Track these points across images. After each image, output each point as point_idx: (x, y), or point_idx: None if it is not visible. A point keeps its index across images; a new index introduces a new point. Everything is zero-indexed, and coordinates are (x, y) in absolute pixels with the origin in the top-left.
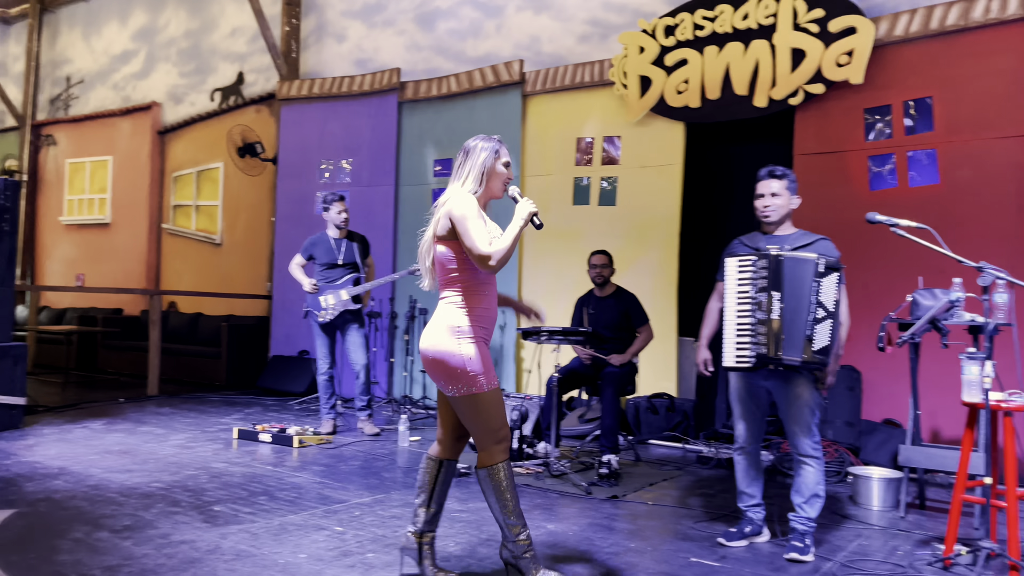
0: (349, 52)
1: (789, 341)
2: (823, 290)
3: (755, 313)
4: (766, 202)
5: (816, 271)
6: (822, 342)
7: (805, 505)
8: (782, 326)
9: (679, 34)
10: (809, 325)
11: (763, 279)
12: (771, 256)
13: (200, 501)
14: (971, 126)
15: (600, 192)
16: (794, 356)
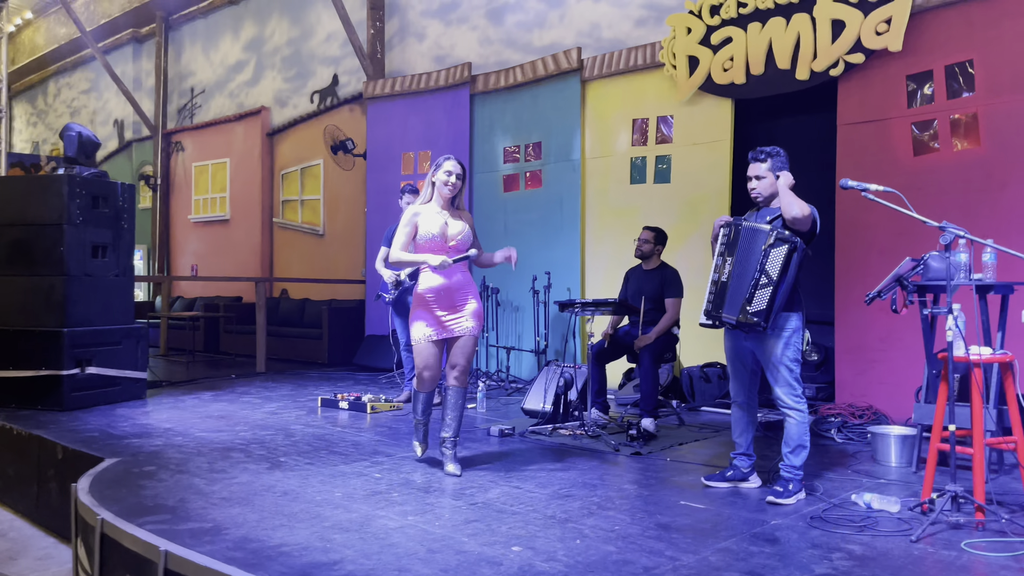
0: (428, 50)
1: (731, 302)
2: (770, 260)
3: (714, 275)
4: (752, 184)
5: (767, 242)
6: (759, 306)
7: (790, 455)
8: (727, 287)
9: (723, 13)
10: (749, 289)
11: (724, 245)
12: (732, 224)
13: (271, 453)
14: (1012, 87)
15: (655, 171)
16: (731, 315)
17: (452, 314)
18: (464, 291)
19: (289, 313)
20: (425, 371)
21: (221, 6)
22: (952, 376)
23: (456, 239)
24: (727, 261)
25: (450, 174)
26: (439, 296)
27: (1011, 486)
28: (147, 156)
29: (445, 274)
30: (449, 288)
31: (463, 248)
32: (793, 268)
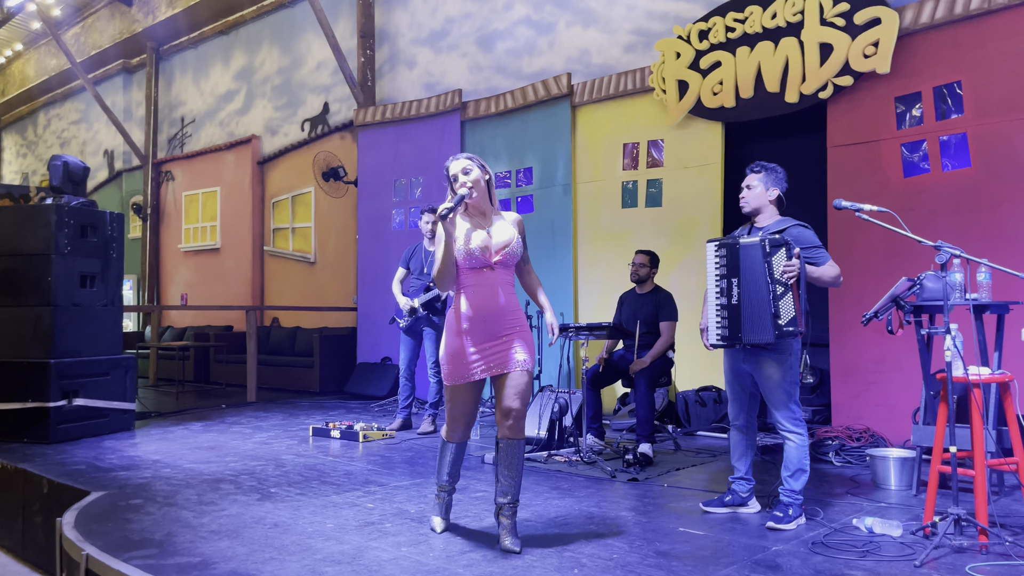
0: (419, 77)
1: (756, 323)
2: (775, 266)
3: (721, 299)
4: (742, 194)
5: (764, 252)
6: (788, 315)
7: (790, 479)
8: (741, 310)
9: (712, 37)
10: (771, 304)
11: (724, 267)
12: (727, 245)
13: (261, 484)
14: (1001, 108)
15: (647, 194)
16: (765, 335)
17: (493, 345)
18: (509, 317)
19: (280, 342)
20: (456, 419)
21: (211, 36)
22: (951, 397)
23: (504, 251)
24: (733, 283)
25: (467, 173)
26: (474, 325)
27: (1013, 508)
28: (137, 186)
29: (482, 297)
30: (487, 315)
31: (511, 263)
32: (802, 267)
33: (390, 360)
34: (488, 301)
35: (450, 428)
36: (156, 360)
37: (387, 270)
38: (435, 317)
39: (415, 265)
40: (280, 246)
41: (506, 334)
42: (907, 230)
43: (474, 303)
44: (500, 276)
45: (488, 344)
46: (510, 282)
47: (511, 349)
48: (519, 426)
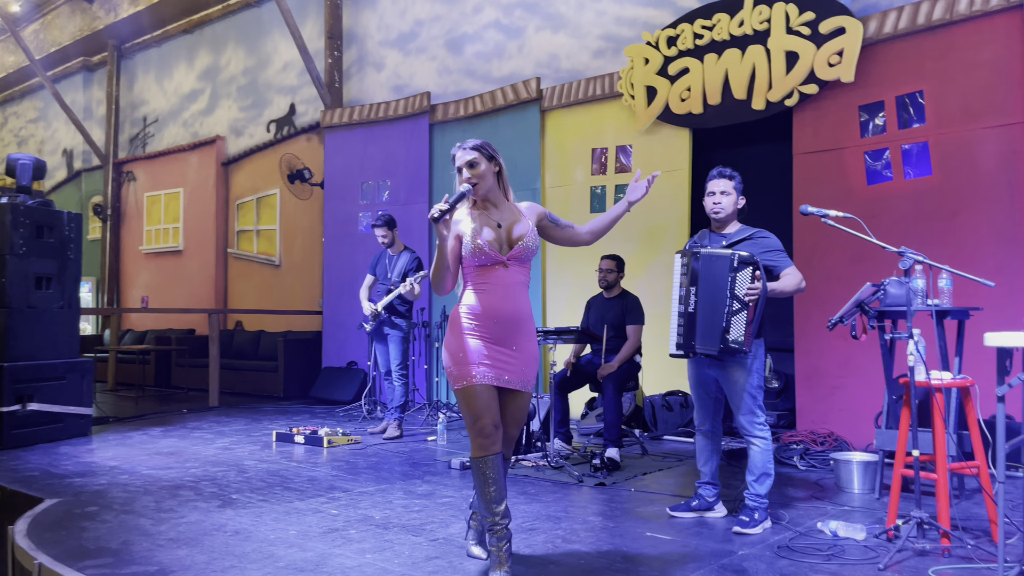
0: (387, 79)
1: (706, 332)
2: (738, 284)
3: (680, 306)
4: (716, 199)
5: (731, 266)
6: (738, 332)
7: (755, 483)
8: (699, 319)
9: (680, 44)
10: (725, 317)
11: (685, 276)
12: (690, 253)
13: (222, 491)
14: (961, 117)
15: (615, 200)
16: (711, 347)
17: (505, 353)
18: (525, 324)
19: (244, 345)
20: (483, 425)
21: (175, 35)
22: (914, 401)
23: (517, 245)
24: (691, 291)
25: (473, 166)
26: (484, 325)
27: (974, 511)
28: (97, 186)
29: (494, 297)
30: (499, 317)
31: (526, 258)
32: (764, 287)
33: (356, 364)
34: (501, 302)
35: (481, 436)
36: (115, 364)
37: (354, 273)
38: (396, 318)
39: (380, 271)
40: (244, 248)
41: (520, 345)
42: (871, 236)
43: (485, 303)
44: (515, 275)
45: (500, 350)
46: (525, 283)
47: (522, 364)
48: (509, 449)
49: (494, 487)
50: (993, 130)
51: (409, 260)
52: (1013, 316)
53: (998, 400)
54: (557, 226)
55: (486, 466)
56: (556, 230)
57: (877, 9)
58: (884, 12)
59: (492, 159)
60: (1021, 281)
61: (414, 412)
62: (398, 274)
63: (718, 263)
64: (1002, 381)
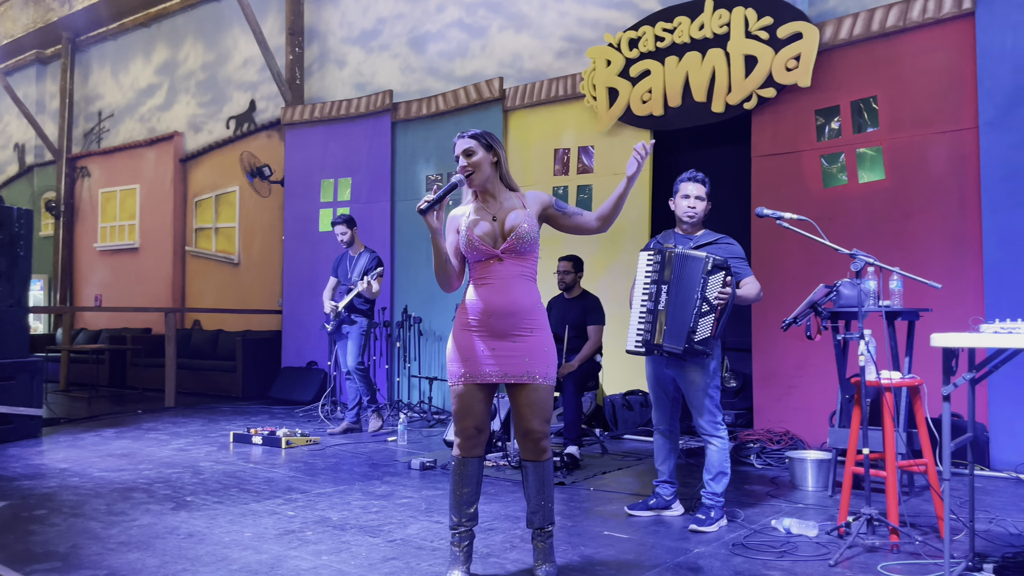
0: (349, 77)
1: (673, 331)
2: (709, 287)
3: (647, 303)
4: (692, 203)
5: (704, 269)
6: (704, 334)
7: (712, 482)
8: (667, 317)
9: (642, 46)
10: (693, 318)
11: (657, 273)
12: (666, 252)
13: (176, 493)
14: (913, 123)
15: (577, 200)
16: (676, 345)
17: (504, 347)
18: (524, 316)
19: (201, 345)
20: (463, 426)
21: (132, 28)
22: (865, 400)
23: (510, 237)
24: (661, 289)
25: (470, 155)
26: (481, 321)
27: (923, 508)
28: (50, 182)
29: (490, 291)
30: (494, 311)
31: (523, 250)
32: (732, 293)
33: (316, 364)
34: (496, 296)
35: (457, 437)
36: (68, 364)
37: (314, 272)
38: (355, 316)
39: (342, 273)
40: (203, 246)
41: (520, 336)
42: (824, 238)
43: (481, 297)
44: (511, 267)
45: (498, 344)
46: (526, 274)
47: (525, 356)
48: (541, 447)
49: (467, 489)
50: (944, 135)
51: (369, 260)
52: (961, 317)
53: (944, 399)
54: (564, 214)
55: (461, 467)
56: (563, 218)
57: (833, 15)
58: (840, 18)
59: (490, 148)
60: (969, 283)
61: None
62: (358, 274)
63: (692, 264)
64: (948, 381)
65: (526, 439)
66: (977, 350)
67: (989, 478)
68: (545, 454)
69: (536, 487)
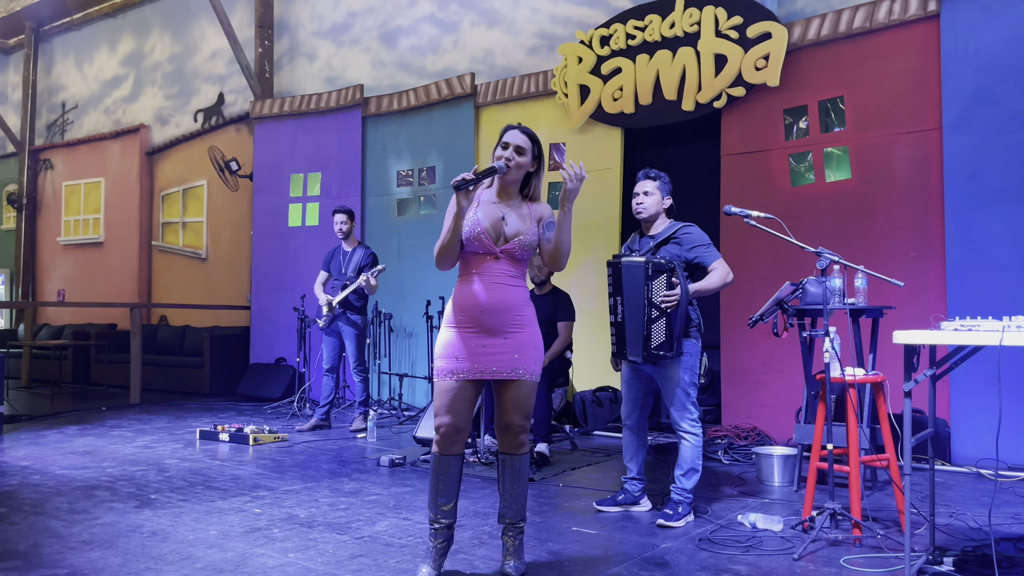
0: (320, 71)
1: (631, 341)
2: (653, 291)
3: (611, 317)
4: (639, 199)
5: (646, 274)
6: (659, 339)
7: (683, 477)
8: (624, 327)
9: (613, 44)
10: (644, 326)
11: (612, 286)
12: (614, 264)
13: (140, 491)
14: (878, 122)
15: (548, 197)
16: (636, 355)
17: (493, 344)
18: (514, 313)
19: (168, 341)
20: (441, 424)
21: (97, 18)
22: (829, 396)
23: (513, 240)
24: (618, 301)
25: (521, 152)
26: (471, 317)
27: (885, 502)
28: (12, 174)
29: (482, 287)
30: (485, 307)
31: (520, 256)
32: (683, 291)
33: (284, 361)
34: (488, 292)
35: (437, 433)
36: (30, 360)
37: (283, 268)
38: (352, 315)
39: (335, 267)
40: (169, 241)
41: (509, 333)
42: (791, 236)
43: (473, 293)
44: (505, 268)
45: (486, 341)
46: (517, 276)
47: (513, 352)
48: (519, 441)
49: (443, 486)
50: (908, 136)
51: (364, 255)
52: (924, 315)
53: (905, 395)
54: (543, 238)
55: (439, 464)
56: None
57: (802, 16)
58: (808, 19)
59: (537, 158)
60: (932, 281)
61: (344, 408)
62: (353, 269)
63: (636, 272)
64: (909, 377)
65: (506, 433)
66: (938, 347)
67: (950, 473)
68: (522, 448)
69: (511, 480)
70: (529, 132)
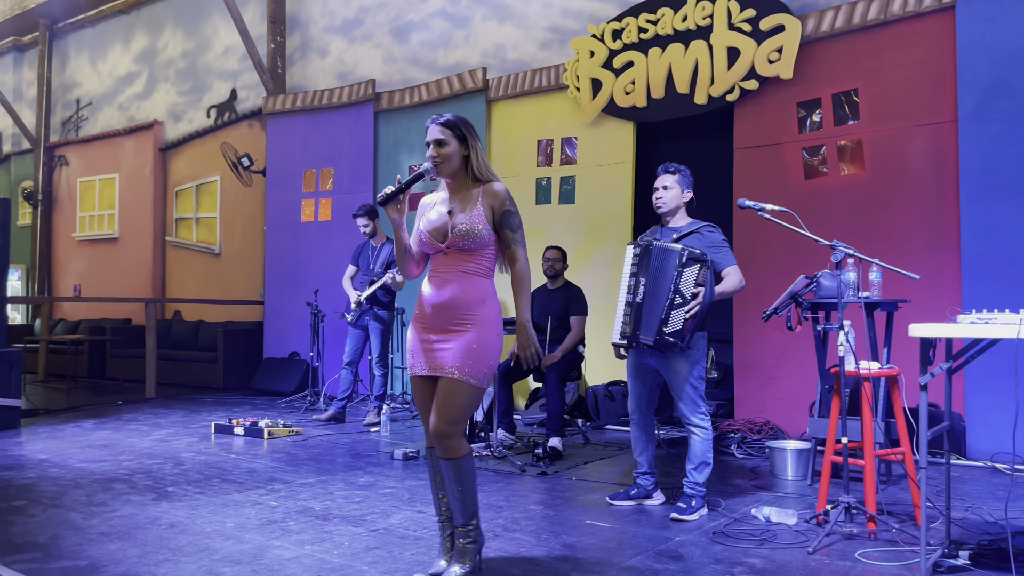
0: (332, 66)
1: (646, 322)
2: (683, 279)
3: (628, 296)
4: (659, 194)
5: (679, 261)
6: (675, 326)
7: (694, 471)
8: (643, 308)
9: (625, 37)
10: (664, 310)
11: (637, 266)
12: (642, 245)
13: (157, 484)
14: (893, 115)
15: (560, 191)
16: (648, 337)
17: (437, 341)
18: (461, 310)
19: (182, 336)
20: (423, 419)
21: (111, 15)
22: (844, 390)
23: (453, 233)
24: (640, 281)
25: (441, 144)
26: (423, 313)
27: (900, 496)
28: (27, 170)
29: (434, 283)
30: (433, 303)
31: (468, 247)
32: (709, 286)
33: (298, 355)
34: (437, 289)
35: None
36: (46, 354)
37: (296, 263)
38: (379, 310)
39: (363, 262)
40: (183, 236)
41: (455, 331)
42: (805, 229)
43: (427, 288)
44: (456, 262)
45: (436, 338)
46: (473, 270)
47: (449, 349)
48: (446, 445)
49: (438, 479)
50: (923, 128)
51: (392, 251)
52: (939, 308)
53: (921, 389)
54: (504, 230)
55: (428, 458)
56: (501, 232)
57: (815, 8)
58: (822, 11)
59: (463, 140)
60: (947, 274)
61: (359, 403)
62: (381, 264)
63: (668, 256)
64: (925, 370)
65: (433, 433)
66: (954, 340)
67: (965, 467)
68: (451, 453)
69: (448, 483)
70: (446, 119)
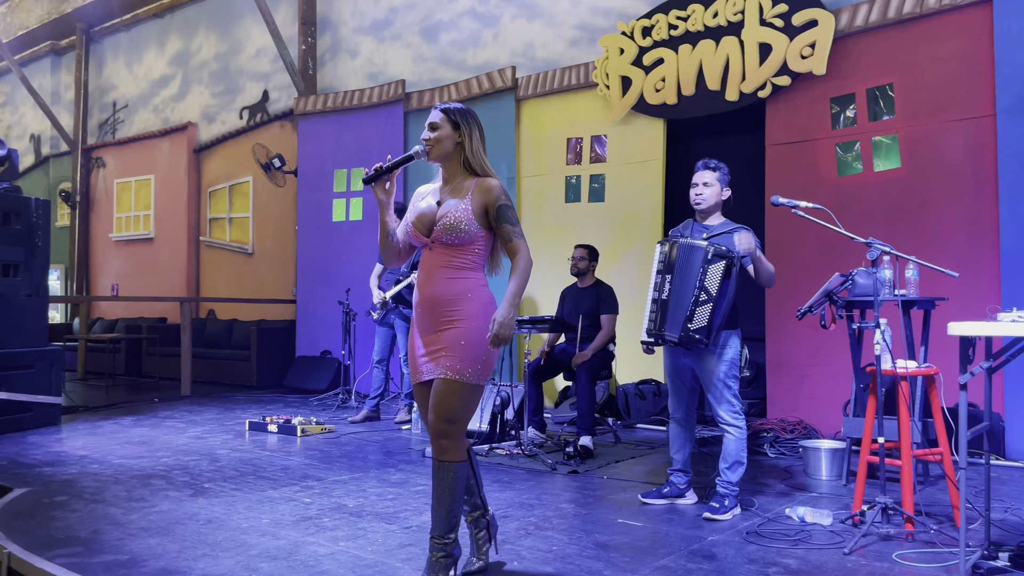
0: (362, 67)
1: (672, 319)
2: (709, 276)
3: (654, 293)
4: (698, 191)
5: (705, 258)
6: (700, 323)
7: (727, 471)
8: (668, 305)
9: (655, 34)
10: (690, 307)
11: (663, 263)
12: (669, 243)
13: (194, 480)
14: (929, 110)
15: (589, 189)
16: (673, 333)
17: (432, 341)
18: (447, 307)
19: (216, 334)
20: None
21: (145, 19)
22: (880, 389)
23: (437, 227)
24: (666, 279)
25: (434, 128)
26: (416, 313)
27: (937, 497)
28: (65, 172)
29: (422, 280)
30: (421, 301)
31: (452, 241)
32: (733, 284)
33: (330, 353)
34: (422, 286)
35: None
36: (85, 353)
37: (327, 262)
38: (405, 309)
39: None
40: (217, 236)
41: (443, 329)
42: (840, 227)
43: (417, 288)
44: (440, 257)
45: (427, 339)
46: (456, 264)
47: (438, 351)
48: (440, 444)
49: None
50: (960, 123)
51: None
52: (977, 306)
53: (960, 388)
54: (499, 225)
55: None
56: (497, 228)
57: (849, 2)
58: (856, 5)
59: (457, 127)
60: (986, 272)
61: (389, 400)
62: (408, 264)
63: (694, 253)
64: (964, 370)
65: (430, 433)
66: (994, 339)
67: (1004, 467)
68: (445, 454)
69: (434, 487)
70: (445, 106)
